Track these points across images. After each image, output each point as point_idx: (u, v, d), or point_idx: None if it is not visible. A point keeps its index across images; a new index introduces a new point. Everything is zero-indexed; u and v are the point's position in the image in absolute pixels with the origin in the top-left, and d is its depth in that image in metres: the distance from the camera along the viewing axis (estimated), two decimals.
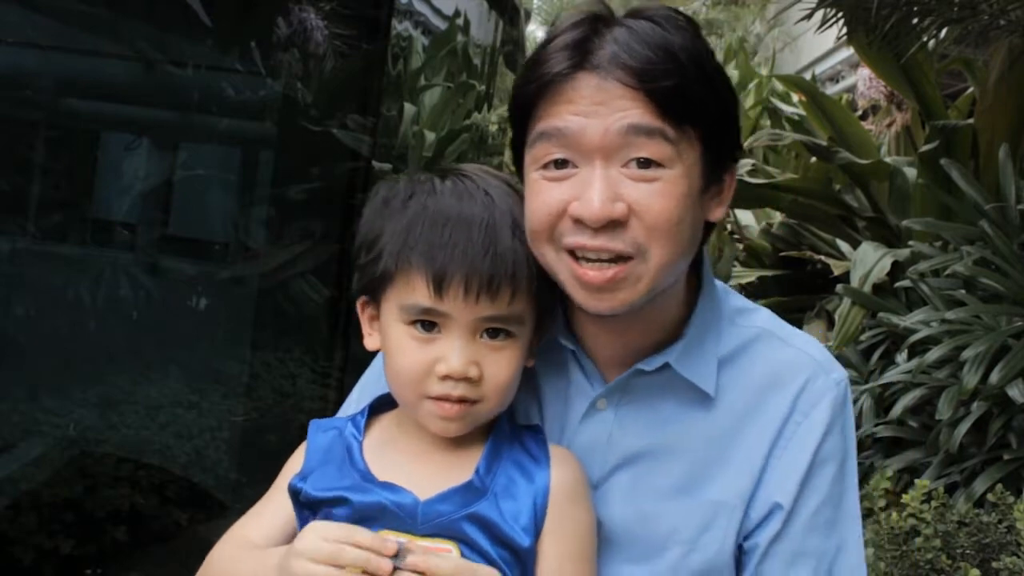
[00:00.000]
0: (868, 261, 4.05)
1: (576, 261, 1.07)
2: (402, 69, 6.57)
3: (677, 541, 1.17)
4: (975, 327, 3.36)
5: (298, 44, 4.14)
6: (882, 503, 2.84)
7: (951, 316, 3.41)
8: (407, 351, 1.10)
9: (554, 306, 1.18)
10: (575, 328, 1.21)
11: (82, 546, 3.23)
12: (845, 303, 3.95)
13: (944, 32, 4.04)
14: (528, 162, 1.11)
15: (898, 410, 3.34)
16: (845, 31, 4.32)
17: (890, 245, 4.27)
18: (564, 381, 1.23)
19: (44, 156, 3.67)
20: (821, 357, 1.21)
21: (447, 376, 1.07)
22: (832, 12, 4.15)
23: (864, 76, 6.47)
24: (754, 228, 6.04)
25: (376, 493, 1.09)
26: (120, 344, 3.84)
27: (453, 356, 1.07)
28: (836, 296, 4.09)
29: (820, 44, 11.54)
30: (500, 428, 1.15)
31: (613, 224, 1.04)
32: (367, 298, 1.16)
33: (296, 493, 1.14)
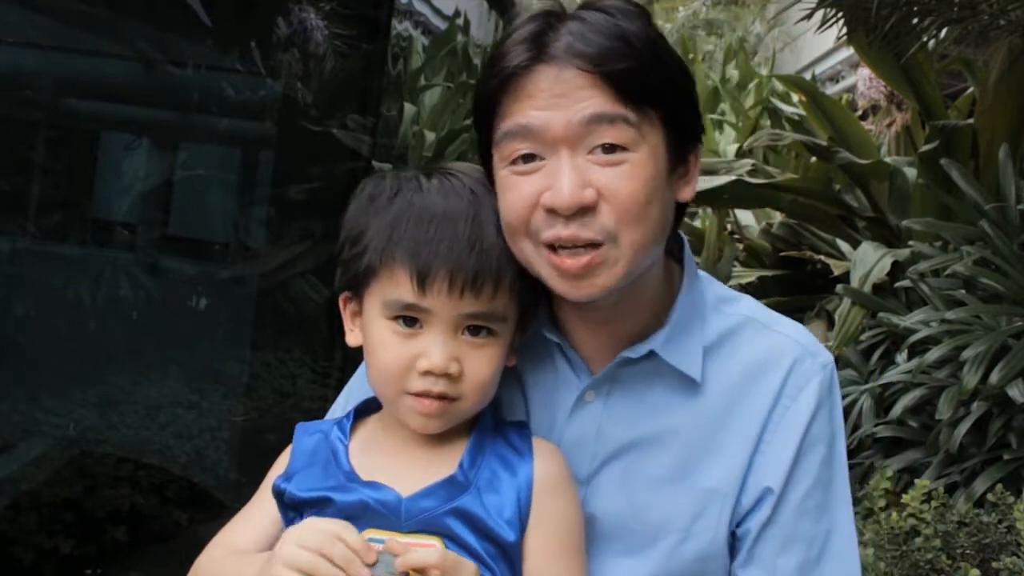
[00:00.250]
0: (868, 261, 4.05)
1: (553, 252, 1.09)
2: (402, 69, 6.57)
3: (670, 530, 1.17)
4: (975, 327, 3.36)
5: (298, 44, 4.14)
6: (882, 503, 2.83)
7: (951, 316, 3.41)
8: (389, 346, 1.10)
9: (536, 305, 1.19)
10: (560, 322, 1.22)
11: (82, 546, 3.23)
12: (845, 303, 3.94)
13: (944, 32, 4.03)
14: (496, 160, 1.13)
15: (898, 410, 3.34)
16: (845, 31, 4.31)
17: (890, 245, 4.27)
18: (551, 375, 1.24)
19: (44, 156, 3.68)
20: (806, 341, 1.22)
21: (428, 372, 1.08)
22: (832, 12, 4.15)
23: (864, 76, 6.46)
24: (754, 228, 6.03)
25: (359, 492, 1.09)
26: (120, 344, 3.84)
27: (434, 352, 1.08)
28: (836, 296, 4.09)
29: (820, 44, 11.54)
30: (484, 423, 1.16)
31: (584, 211, 1.07)
32: (349, 294, 1.17)
33: (280, 494, 1.15)
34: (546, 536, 1.10)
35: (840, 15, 4.15)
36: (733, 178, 4.64)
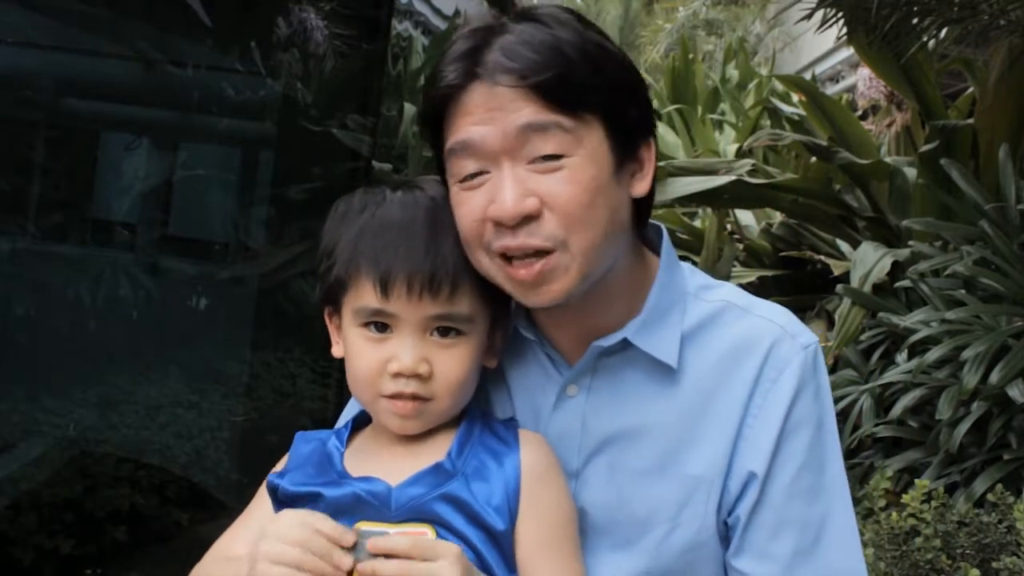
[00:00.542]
0: (868, 261, 4.05)
1: (508, 262, 1.11)
2: (402, 69, 6.57)
3: (658, 521, 1.17)
4: (975, 327, 3.36)
5: (298, 44, 4.14)
6: (882, 503, 2.83)
7: (951, 316, 3.41)
8: (362, 352, 1.15)
9: (510, 309, 1.21)
10: (536, 319, 1.24)
11: (82, 546, 3.23)
12: (845, 303, 3.95)
13: (944, 32, 4.04)
14: (448, 177, 1.16)
15: (898, 410, 3.34)
16: (845, 31, 4.32)
17: (890, 245, 4.27)
18: (533, 372, 1.25)
19: (44, 156, 3.68)
20: (785, 322, 1.22)
21: (399, 374, 1.12)
22: (832, 12, 4.15)
23: (864, 76, 6.46)
24: (754, 228, 6.03)
25: (351, 485, 1.12)
26: (120, 344, 3.84)
27: (404, 354, 1.12)
28: (836, 296, 4.09)
29: (820, 44, 11.55)
30: (472, 418, 1.19)
31: (528, 219, 1.09)
32: (331, 308, 1.21)
33: (274, 490, 1.18)
34: (537, 525, 1.12)
35: (840, 15, 4.15)
36: (733, 178, 4.64)
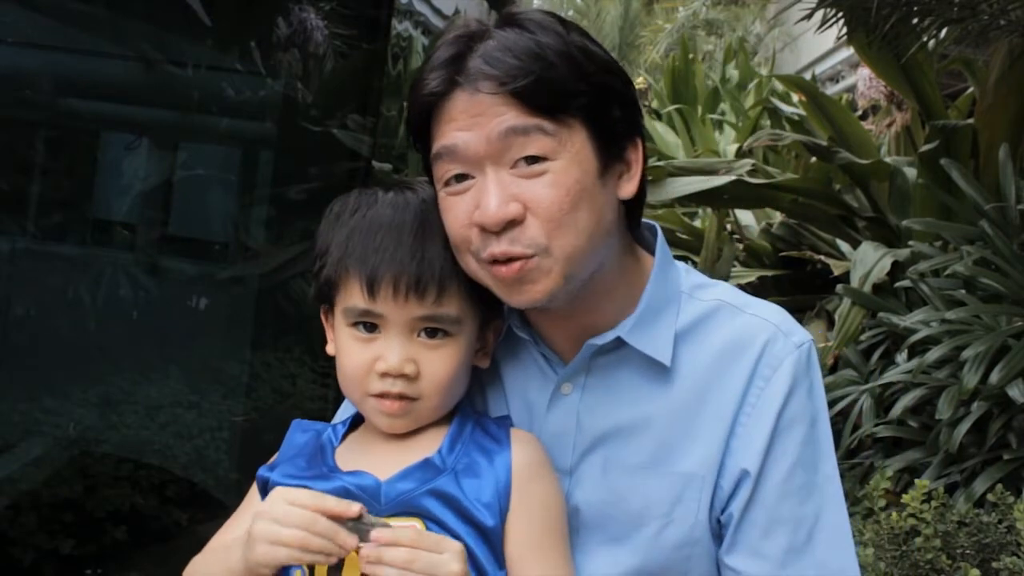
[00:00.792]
0: (868, 261, 4.05)
1: (493, 265, 1.12)
2: (402, 69, 6.56)
3: (651, 517, 1.18)
4: (975, 327, 3.36)
5: (298, 44, 4.14)
6: (882, 503, 2.83)
7: (951, 316, 3.41)
8: (351, 352, 1.17)
9: (502, 310, 1.22)
10: (529, 318, 1.24)
11: (82, 546, 3.23)
12: (845, 303, 3.95)
13: (944, 32, 4.04)
14: (435, 182, 1.17)
15: (898, 410, 3.34)
16: (845, 31, 4.32)
17: (890, 245, 4.27)
18: (529, 371, 1.26)
19: (44, 156, 3.67)
20: (779, 321, 1.22)
21: (385, 373, 1.14)
22: (832, 12, 4.15)
23: (864, 76, 6.47)
24: (754, 228, 6.03)
25: (340, 479, 1.13)
26: (120, 344, 3.84)
27: (390, 354, 1.14)
28: (836, 296, 4.09)
29: (820, 44, 11.55)
30: (464, 415, 1.20)
31: (512, 224, 1.10)
32: (326, 307, 1.23)
33: (264, 483, 1.19)
34: (528, 522, 1.13)
35: (840, 15, 4.15)
36: (733, 178, 4.64)
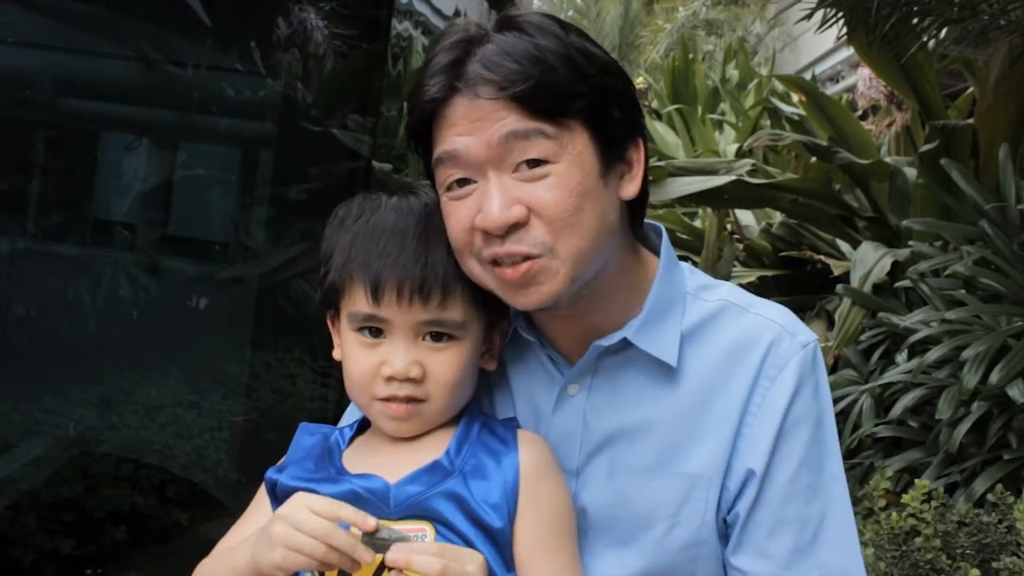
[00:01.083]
0: (868, 261, 4.05)
1: (497, 266, 1.12)
2: (402, 69, 6.56)
3: (659, 518, 1.18)
4: (975, 327, 3.36)
5: (298, 44, 4.13)
6: (882, 503, 2.83)
7: (951, 316, 3.41)
8: (357, 357, 1.17)
9: (507, 313, 1.22)
10: (535, 320, 1.25)
11: (82, 546, 3.23)
12: (845, 303, 3.95)
13: (944, 32, 4.04)
14: (437, 187, 1.17)
15: (898, 410, 3.34)
16: (845, 31, 4.32)
17: (890, 245, 4.27)
18: (535, 373, 1.26)
19: (44, 156, 3.67)
20: (784, 321, 1.22)
21: (391, 377, 1.14)
22: (832, 12, 4.15)
23: (864, 76, 6.47)
24: (754, 228, 6.03)
25: (348, 482, 1.13)
26: (120, 344, 3.84)
27: (396, 358, 1.14)
28: (836, 296, 4.09)
29: (820, 44, 11.55)
30: (471, 417, 1.20)
31: (516, 227, 1.10)
32: (333, 312, 1.23)
33: (272, 485, 1.19)
34: (536, 523, 1.13)
35: (840, 15, 4.15)
36: (733, 178, 4.64)
